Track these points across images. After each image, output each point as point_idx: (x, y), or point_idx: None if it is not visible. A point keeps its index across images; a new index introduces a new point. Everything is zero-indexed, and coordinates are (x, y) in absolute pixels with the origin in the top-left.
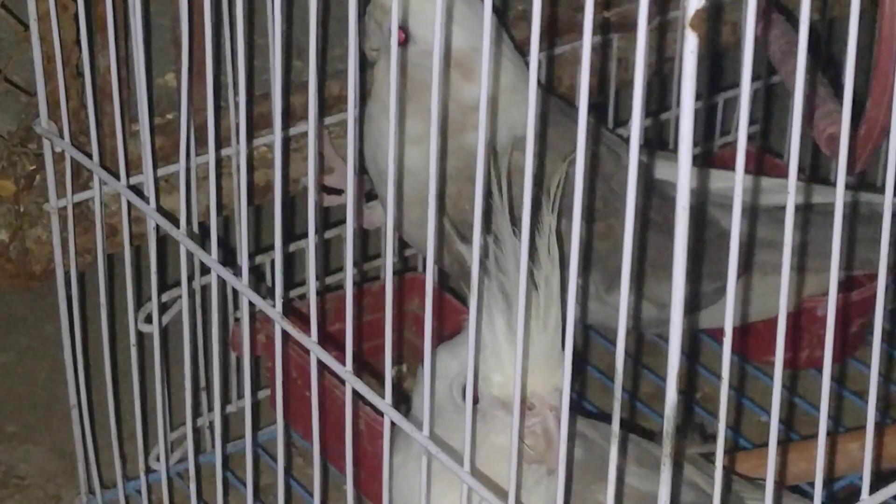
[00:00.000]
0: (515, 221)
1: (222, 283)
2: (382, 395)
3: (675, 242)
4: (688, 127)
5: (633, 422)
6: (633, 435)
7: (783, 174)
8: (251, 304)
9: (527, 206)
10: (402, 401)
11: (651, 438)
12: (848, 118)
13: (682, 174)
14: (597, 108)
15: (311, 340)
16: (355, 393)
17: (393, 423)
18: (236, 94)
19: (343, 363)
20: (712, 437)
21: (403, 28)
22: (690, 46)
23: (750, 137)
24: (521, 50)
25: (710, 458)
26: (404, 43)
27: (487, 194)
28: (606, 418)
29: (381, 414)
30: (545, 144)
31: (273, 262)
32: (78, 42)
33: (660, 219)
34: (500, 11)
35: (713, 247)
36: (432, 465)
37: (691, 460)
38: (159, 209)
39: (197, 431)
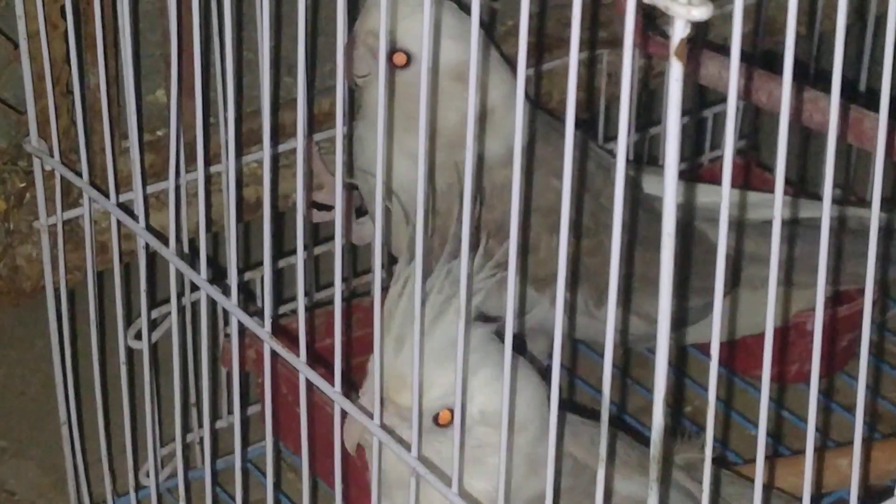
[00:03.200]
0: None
1: (212, 300)
2: (371, 415)
3: (661, 269)
4: (673, 155)
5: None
6: (622, 434)
7: (773, 188)
8: (241, 322)
9: (513, 233)
10: None
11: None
12: (835, 131)
13: (667, 202)
14: (586, 124)
15: (300, 361)
16: (344, 412)
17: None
18: (226, 110)
19: (332, 382)
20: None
21: (405, 51)
22: (676, 75)
23: (739, 152)
24: (511, 65)
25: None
26: (406, 65)
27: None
28: (597, 415)
29: None
30: (534, 160)
31: (263, 276)
32: (68, 60)
33: (648, 234)
34: (488, 27)
35: (701, 262)
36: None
37: (684, 464)
38: (149, 227)
39: (187, 447)
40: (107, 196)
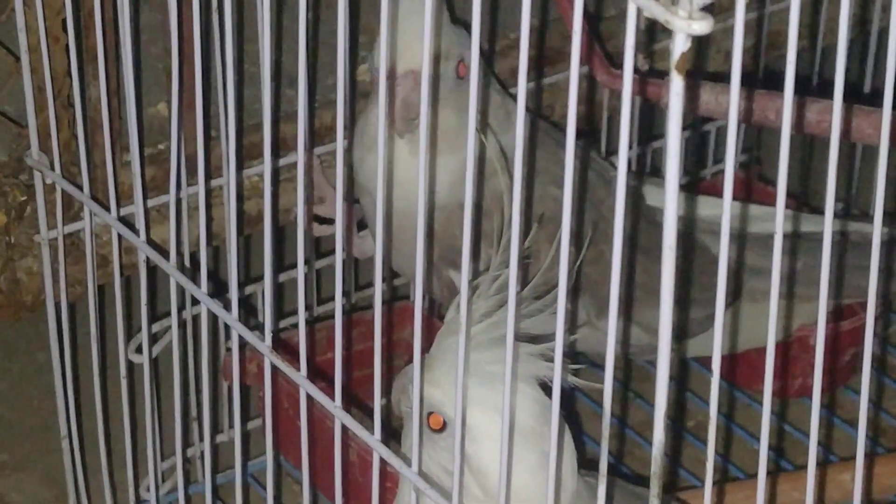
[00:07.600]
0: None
1: (212, 314)
2: (372, 430)
3: (661, 283)
4: (674, 169)
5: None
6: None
7: (775, 202)
8: (241, 336)
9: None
10: (392, 433)
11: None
12: (836, 143)
13: (668, 216)
14: (588, 136)
15: (300, 375)
16: (345, 427)
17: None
18: (227, 123)
19: (333, 396)
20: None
21: (465, 61)
22: (676, 89)
23: (742, 165)
24: (513, 81)
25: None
26: (464, 76)
27: (477, 220)
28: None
29: None
30: (533, 168)
31: (264, 290)
32: (69, 73)
33: (650, 244)
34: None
35: (703, 274)
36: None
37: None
38: (149, 241)
39: (187, 461)
40: (108, 209)
